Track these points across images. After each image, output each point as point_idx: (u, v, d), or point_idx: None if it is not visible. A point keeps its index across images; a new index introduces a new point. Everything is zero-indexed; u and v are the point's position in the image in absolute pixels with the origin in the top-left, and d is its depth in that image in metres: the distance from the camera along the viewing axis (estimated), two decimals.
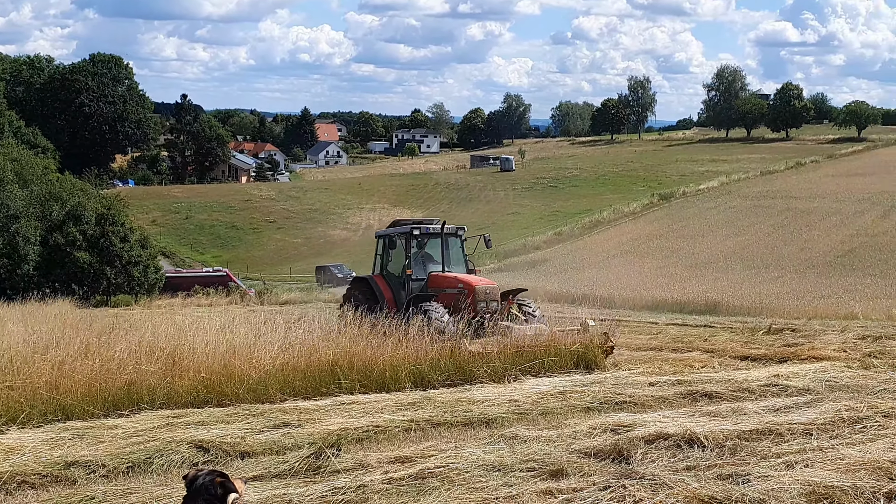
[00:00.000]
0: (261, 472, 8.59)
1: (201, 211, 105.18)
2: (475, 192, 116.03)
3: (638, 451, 8.99)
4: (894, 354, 16.10)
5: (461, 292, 18.77)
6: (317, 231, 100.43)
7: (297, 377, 13.08)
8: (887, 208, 70.68)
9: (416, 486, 8.00)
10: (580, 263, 63.25)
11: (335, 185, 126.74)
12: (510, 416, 11.54)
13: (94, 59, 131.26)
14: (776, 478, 7.51)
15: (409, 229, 20.43)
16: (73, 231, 52.24)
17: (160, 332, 14.54)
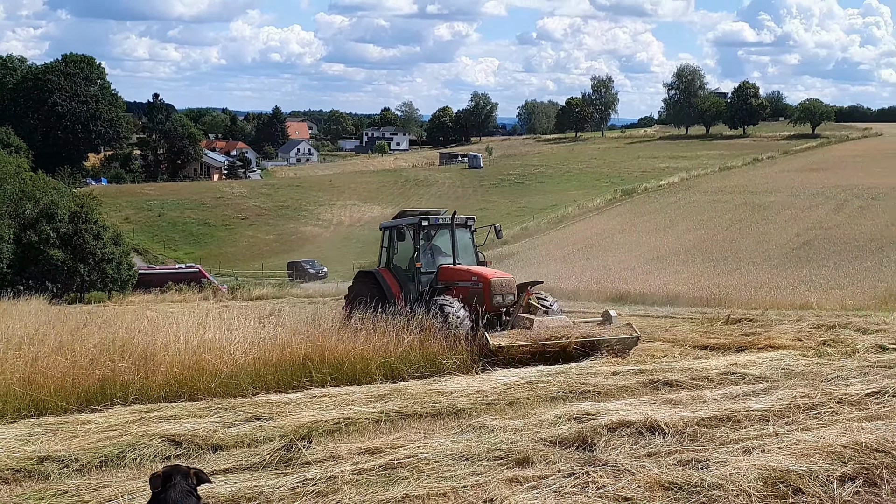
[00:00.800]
0: (232, 465, 8.54)
1: (174, 208, 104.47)
2: (444, 188, 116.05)
3: (601, 439, 9.03)
4: (847, 343, 16.21)
5: (475, 285, 17.58)
6: (288, 227, 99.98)
7: (268, 371, 13.03)
8: (840, 202, 71.44)
9: (385, 477, 7.98)
10: (546, 257, 63.37)
11: (306, 182, 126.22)
12: (478, 406, 11.54)
13: (67, 60, 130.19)
14: (734, 463, 7.57)
15: (418, 220, 19.07)
16: (47, 229, 51.86)
17: (133, 328, 14.46)
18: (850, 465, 7.63)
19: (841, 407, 10.40)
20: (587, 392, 12.37)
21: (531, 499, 6.91)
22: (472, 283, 17.63)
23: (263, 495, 7.50)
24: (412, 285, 18.69)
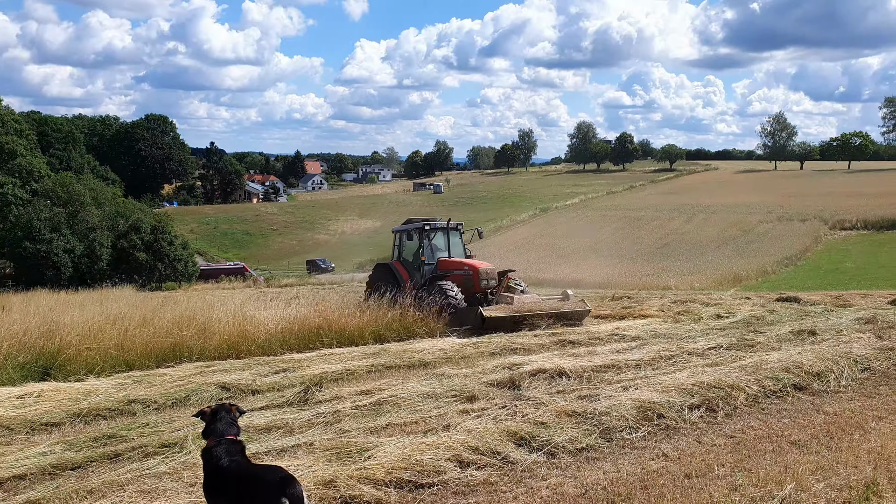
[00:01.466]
0: (266, 404, 8.45)
1: (225, 223, 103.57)
2: (416, 207, 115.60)
3: (525, 382, 9.03)
4: (695, 313, 16.36)
5: (467, 273, 16.94)
6: (306, 235, 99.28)
7: (292, 337, 12.87)
8: (690, 215, 72.10)
9: (374, 410, 7.94)
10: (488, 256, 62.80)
11: (319, 203, 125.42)
12: (440, 360, 11.48)
13: (148, 118, 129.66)
14: (616, 397, 7.61)
15: (422, 225, 18.43)
16: (134, 238, 51.52)
17: (196, 307, 14.24)
18: (696, 397, 7.71)
19: (690, 357, 10.50)
20: (516, 349, 12.35)
21: (476, 423, 6.90)
22: (464, 271, 17.07)
23: (288, 425, 7.45)
24: (418, 273, 17.99)
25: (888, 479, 5.49)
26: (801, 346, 10.42)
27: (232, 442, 4.70)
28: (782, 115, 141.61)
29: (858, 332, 11.60)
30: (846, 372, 8.91)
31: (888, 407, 7.69)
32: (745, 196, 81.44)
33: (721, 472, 5.85)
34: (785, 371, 8.63)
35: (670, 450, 6.49)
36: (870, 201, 66.48)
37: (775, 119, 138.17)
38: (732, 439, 6.77)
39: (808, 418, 7.35)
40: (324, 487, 5.46)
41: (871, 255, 44.20)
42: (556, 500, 5.45)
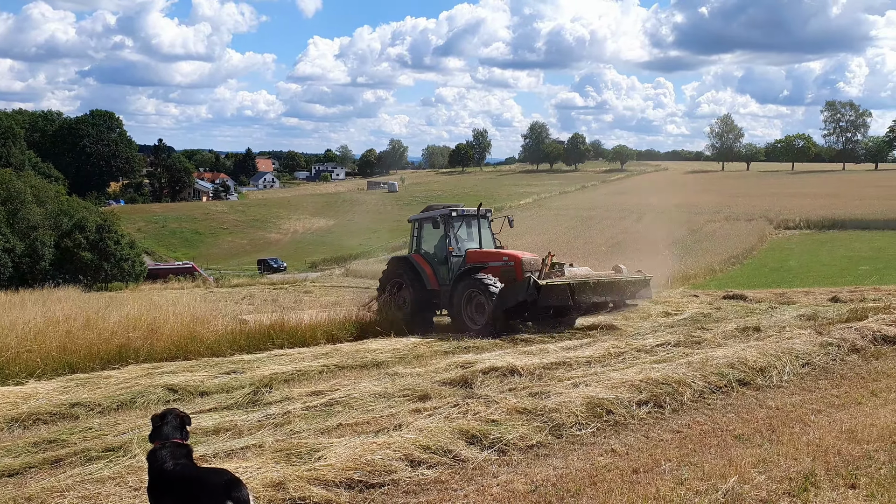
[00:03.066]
0: (214, 406, 8.29)
1: (173, 221, 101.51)
2: (371, 205, 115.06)
3: (478, 380, 9.06)
4: (644, 310, 16.55)
5: (507, 265, 14.97)
6: (258, 234, 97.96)
7: (242, 338, 12.67)
8: (640, 215, 73.36)
9: (325, 411, 7.88)
10: None
11: (271, 202, 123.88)
12: (393, 359, 11.45)
13: (93, 114, 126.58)
14: (566, 394, 7.69)
15: (449, 211, 16.14)
16: (79, 237, 50.25)
17: (143, 308, 13.92)
18: (644, 393, 7.85)
19: (639, 354, 10.67)
20: (469, 348, 12.39)
21: (428, 422, 6.89)
22: (502, 262, 15.09)
23: (237, 426, 7.33)
24: (443, 267, 15.87)
25: (825, 470, 5.67)
26: (746, 343, 10.70)
27: (178, 445, 4.62)
28: (730, 117, 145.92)
29: (800, 328, 11.96)
30: (788, 367, 9.18)
31: (826, 401, 7.94)
32: (694, 196, 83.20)
33: (668, 467, 5.96)
34: (730, 367, 8.84)
35: (619, 445, 6.60)
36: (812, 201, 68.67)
37: (723, 121, 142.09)
38: (679, 434, 6.91)
39: (751, 413, 7.55)
40: (272, 489, 5.39)
41: (812, 253, 45.65)
42: (506, 497, 5.48)
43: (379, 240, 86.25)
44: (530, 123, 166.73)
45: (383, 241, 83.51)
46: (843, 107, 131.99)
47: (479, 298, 14.52)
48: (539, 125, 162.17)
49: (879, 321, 11.73)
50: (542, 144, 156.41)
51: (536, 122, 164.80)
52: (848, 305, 15.80)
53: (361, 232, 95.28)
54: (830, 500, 5.14)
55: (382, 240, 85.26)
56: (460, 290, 14.84)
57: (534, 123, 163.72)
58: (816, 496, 5.19)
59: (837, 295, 18.64)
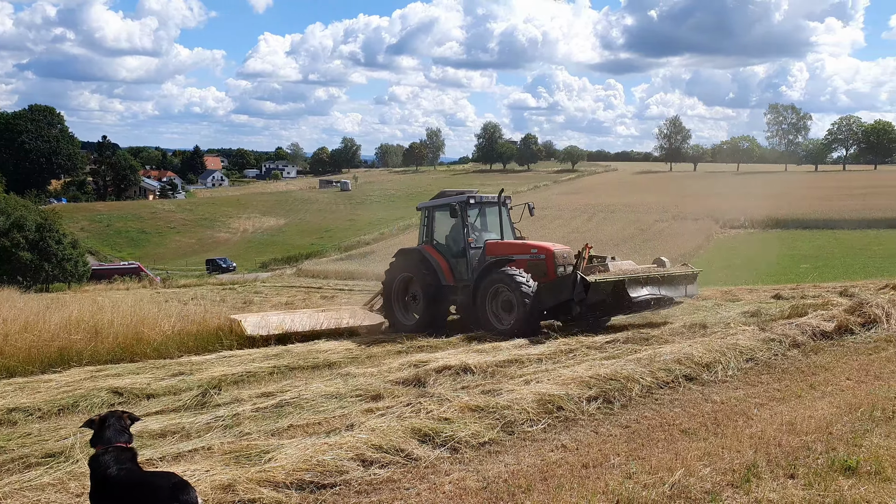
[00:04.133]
0: (161, 408, 8.16)
1: (118, 220, 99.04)
2: (323, 205, 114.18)
3: (431, 379, 9.08)
4: None
5: (536, 258, 13.57)
6: (206, 234, 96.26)
7: (190, 339, 12.49)
8: (591, 214, 74.47)
9: (276, 412, 7.80)
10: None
11: (220, 200, 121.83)
12: (345, 359, 11.40)
13: (33, 109, 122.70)
14: (518, 391, 7.74)
15: (466, 198, 14.54)
16: (17, 236, 48.67)
17: (86, 309, 13.56)
18: (594, 389, 7.95)
19: (589, 351, 10.81)
20: (422, 347, 12.37)
21: (381, 422, 6.86)
22: (531, 255, 13.67)
23: (185, 429, 7.21)
24: (461, 261, 14.45)
25: (767, 461, 5.84)
26: (692, 339, 10.92)
27: (122, 449, 4.50)
28: (678, 118, 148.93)
29: (744, 324, 12.27)
30: (732, 362, 9.41)
31: (769, 394, 8.18)
32: (643, 196, 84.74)
33: (616, 461, 6.07)
34: (677, 363, 9.03)
35: (569, 441, 6.68)
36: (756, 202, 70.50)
37: (671, 122, 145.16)
38: (627, 429, 7.03)
39: (697, 407, 7.72)
40: (221, 492, 5.31)
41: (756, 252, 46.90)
42: (458, 494, 5.50)
43: (331, 239, 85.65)
44: (483, 123, 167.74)
45: (336, 241, 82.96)
46: (785, 110, 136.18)
47: (506, 295, 13.22)
48: (492, 125, 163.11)
49: (818, 317, 12.11)
50: (495, 144, 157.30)
51: (490, 123, 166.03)
52: (789, 302, 16.25)
53: (313, 231, 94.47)
54: (771, 490, 5.29)
55: (335, 239, 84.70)
56: (484, 285, 13.49)
57: (487, 123, 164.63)
58: (758, 487, 5.35)
59: (780, 292, 19.17)
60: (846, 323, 11.57)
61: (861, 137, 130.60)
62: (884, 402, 7.48)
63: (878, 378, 8.67)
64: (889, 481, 5.33)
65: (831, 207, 62.85)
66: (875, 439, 6.28)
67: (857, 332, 11.37)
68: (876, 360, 9.68)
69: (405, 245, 17.03)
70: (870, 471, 5.51)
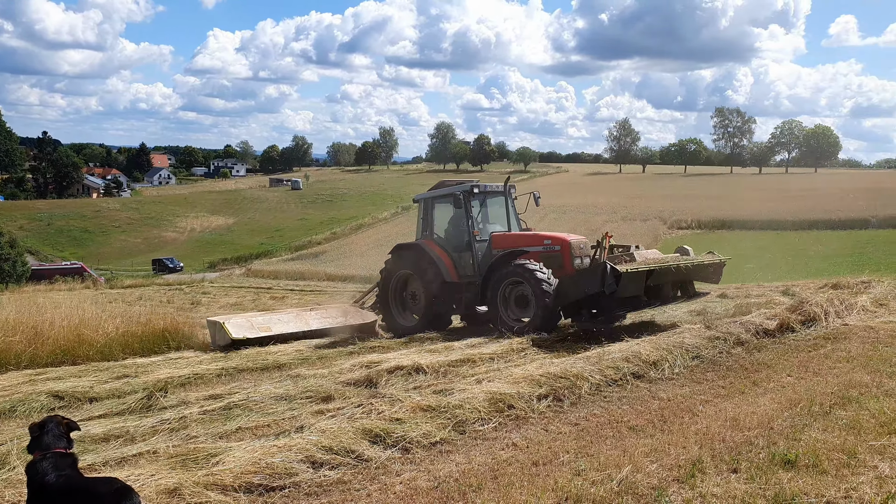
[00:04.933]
0: (105, 412, 7.95)
1: (60, 219, 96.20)
2: (273, 203, 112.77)
3: (383, 379, 9.03)
4: None
5: (550, 250, 12.79)
6: (152, 233, 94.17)
7: (135, 341, 12.23)
8: (542, 215, 74.25)
9: (224, 415, 7.68)
10: (349, 253, 62.93)
11: (167, 199, 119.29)
12: (296, 361, 11.27)
13: None
14: (470, 390, 7.78)
15: (470, 187, 13.62)
16: None
17: (25, 311, 13.14)
18: (544, 387, 8.04)
19: (539, 350, 10.92)
20: (375, 348, 12.32)
21: (331, 423, 6.82)
22: (544, 247, 12.87)
23: (129, 433, 7.04)
24: (466, 255, 13.60)
25: (711, 456, 5.99)
26: (640, 338, 11.12)
27: (61, 455, 4.37)
28: (627, 121, 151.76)
29: (690, 323, 12.57)
30: (679, 360, 9.62)
31: (713, 391, 8.39)
32: (593, 197, 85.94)
33: (566, 459, 6.15)
34: (625, 361, 9.18)
35: (520, 439, 6.74)
36: (702, 203, 72.25)
37: (621, 125, 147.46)
38: (577, 427, 7.12)
39: (644, 404, 7.88)
40: (167, 496, 5.21)
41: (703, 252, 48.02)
42: (409, 494, 5.50)
43: (282, 239, 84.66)
44: (437, 123, 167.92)
45: (287, 241, 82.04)
46: (730, 113, 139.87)
47: (521, 290, 12.48)
48: (445, 125, 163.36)
49: (762, 315, 12.48)
50: (448, 145, 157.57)
51: (443, 123, 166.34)
52: (734, 301, 16.72)
53: (263, 231, 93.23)
54: (715, 484, 5.43)
55: (286, 239, 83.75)
56: (496, 280, 12.70)
57: (440, 123, 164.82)
58: (702, 481, 5.48)
59: (725, 291, 19.66)
60: (788, 321, 11.94)
61: (802, 141, 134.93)
62: (822, 397, 7.74)
63: (817, 374, 8.97)
64: (825, 474, 5.53)
65: (774, 209, 64.75)
66: (813, 433, 6.49)
67: (797, 329, 11.74)
68: (815, 356, 10.01)
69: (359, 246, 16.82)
70: (808, 464, 5.70)
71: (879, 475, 5.47)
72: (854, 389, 7.98)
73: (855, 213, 57.61)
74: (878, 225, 52.65)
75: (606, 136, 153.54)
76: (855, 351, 10.18)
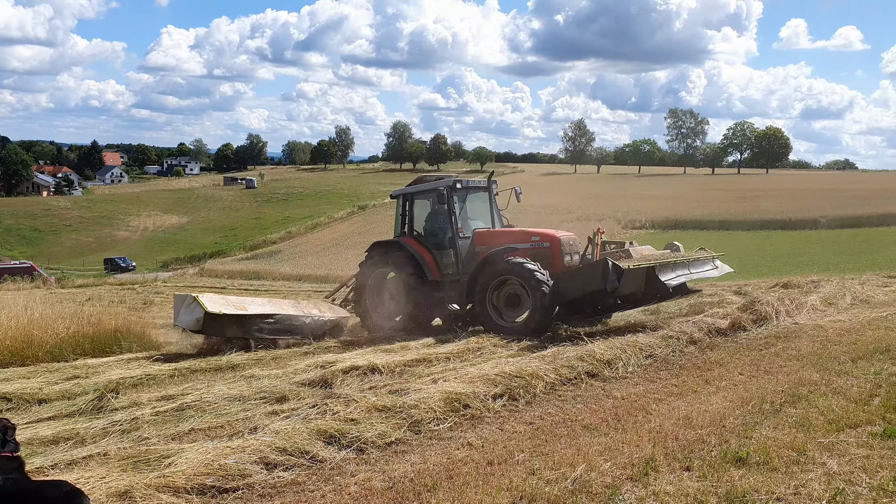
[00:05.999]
0: (54, 414, 7.77)
1: (9, 217, 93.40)
2: (227, 202, 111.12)
3: (338, 379, 8.99)
4: None
5: (538, 246, 12.47)
6: (104, 232, 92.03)
7: (86, 341, 11.96)
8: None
9: (177, 416, 7.56)
10: (305, 253, 62.33)
11: (119, 197, 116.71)
12: (250, 361, 11.11)
13: None
14: (425, 390, 7.80)
15: (452, 182, 13.21)
16: None
17: None
18: (499, 386, 8.10)
19: (496, 349, 10.97)
20: (330, 347, 12.27)
21: (285, 424, 6.77)
22: (532, 243, 12.53)
23: (79, 435, 6.90)
24: (448, 252, 13.20)
25: (664, 455, 6.12)
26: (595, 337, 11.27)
27: (7, 459, 4.27)
28: (582, 121, 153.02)
29: (644, 322, 12.77)
30: (633, 359, 9.79)
31: (667, 390, 8.55)
32: (549, 197, 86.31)
33: (521, 458, 6.21)
34: (579, 360, 9.31)
35: (475, 438, 6.79)
36: (657, 203, 73.46)
37: (576, 125, 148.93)
38: (532, 426, 7.20)
39: (598, 403, 8.00)
40: (118, 499, 5.12)
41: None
42: (364, 495, 5.50)
43: (236, 238, 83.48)
44: (393, 123, 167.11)
45: (241, 240, 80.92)
46: (684, 115, 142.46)
47: (513, 289, 12.19)
48: (402, 125, 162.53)
49: (714, 315, 12.76)
50: (404, 144, 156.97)
51: (399, 122, 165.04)
52: (687, 300, 17.03)
53: (217, 230, 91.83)
54: (668, 482, 5.54)
55: (240, 238, 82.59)
56: (486, 278, 12.33)
57: (396, 123, 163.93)
58: (656, 479, 5.59)
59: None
60: (739, 320, 12.24)
61: (754, 142, 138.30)
62: (772, 395, 7.94)
63: (768, 373, 9.21)
64: (776, 471, 5.68)
65: (726, 209, 66.21)
66: (764, 431, 6.66)
67: (749, 328, 12.05)
68: (766, 355, 10.28)
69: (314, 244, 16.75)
70: (759, 461, 5.85)
71: (828, 472, 5.64)
72: (804, 387, 8.19)
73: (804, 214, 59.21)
74: (826, 225, 54.17)
75: (562, 136, 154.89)
76: (805, 349, 10.47)
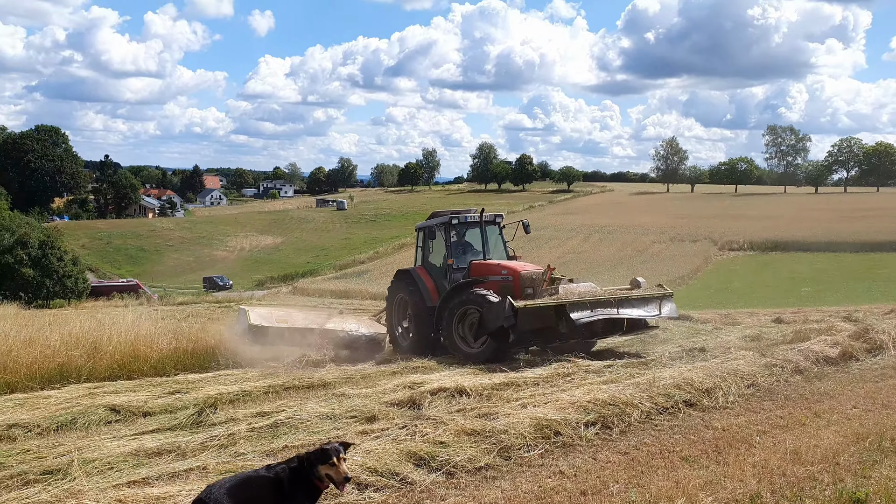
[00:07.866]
0: (158, 426, 8.10)
1: (118, 238, 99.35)
2: (319, 223, 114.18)
3: (426, 401, 8.97)
4: None
5: (505, 279, 13.52)
6: (204, 252, 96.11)
7: (186, 357, 12.54)
8: (587, 235, 74.57)
9: (271, 432, 7.71)
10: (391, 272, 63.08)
11: (218, 219, 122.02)
12: (340, 380, 11.28)
13: (39, 129, 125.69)
14: (515, 415, 7.66)
15: (448, 219, 14.71)
16: (21, 253, 49.25)
17: (85, 326, 13.61)
18: (592, 414, 7.88)
19: (587, 374, 10.71)
20: (417, 368, 12.29)
21: (376, 444, 6.79)
22: (501, 276, 13.65)
23: (181, 448, 7.14)
24: (445, 281, 14.50)
25: (771, 491, 5.77)
26: (692, 364, 10.85)
27: None
28: (675, 139, 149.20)
29: (744, 349, 12.19)
30: (733, 388, 9.34)
31: (771, 422, 8.10)
32: (640, 217, 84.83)
33: (615, 489, 5.99)
34: (676, 388, 8.96)
35: (566, 467, 6.60)
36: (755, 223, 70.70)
37: (668, 144, 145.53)
38: (626, 455, 6.95)
39: (697, 434, 7.65)
40: None
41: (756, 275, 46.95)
42: None
43: (327, 258, 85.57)
44: (479, 144, 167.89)
45: (332, 259, 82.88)
46: (783, 131, 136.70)
47: (473, 317, 13.09)
48: (487, 146, 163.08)
49: (822, 342, 12.04)
50: (490, 164, 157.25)
51: (485, 143, 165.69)
52: (791, 326, 16.21)
53: (309, 250, 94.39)
54: None
55: (331, 258, 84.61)
56: (453, 306, 13.41)
57: (482, 144, 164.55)
58: None
59: (781, 316, 19.15)
60: (851, 349, 11.49)
61: (862, 159, 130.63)
62: (892, 431, 7.34)
63: (886, 407, 8.57)
64: None
65: (832, 230, 62.99)
66: (884, 471, 6.15)
67: (862, 358, 11.30)
68: (883, 387, 9.59)
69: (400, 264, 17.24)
70: None
71: None
72: None
73: None
74: None
75: (653, 154, 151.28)
76: None
